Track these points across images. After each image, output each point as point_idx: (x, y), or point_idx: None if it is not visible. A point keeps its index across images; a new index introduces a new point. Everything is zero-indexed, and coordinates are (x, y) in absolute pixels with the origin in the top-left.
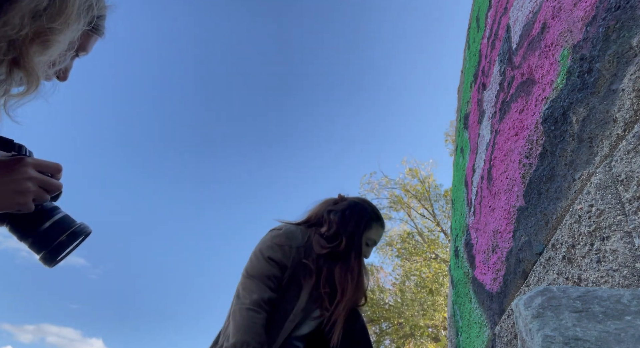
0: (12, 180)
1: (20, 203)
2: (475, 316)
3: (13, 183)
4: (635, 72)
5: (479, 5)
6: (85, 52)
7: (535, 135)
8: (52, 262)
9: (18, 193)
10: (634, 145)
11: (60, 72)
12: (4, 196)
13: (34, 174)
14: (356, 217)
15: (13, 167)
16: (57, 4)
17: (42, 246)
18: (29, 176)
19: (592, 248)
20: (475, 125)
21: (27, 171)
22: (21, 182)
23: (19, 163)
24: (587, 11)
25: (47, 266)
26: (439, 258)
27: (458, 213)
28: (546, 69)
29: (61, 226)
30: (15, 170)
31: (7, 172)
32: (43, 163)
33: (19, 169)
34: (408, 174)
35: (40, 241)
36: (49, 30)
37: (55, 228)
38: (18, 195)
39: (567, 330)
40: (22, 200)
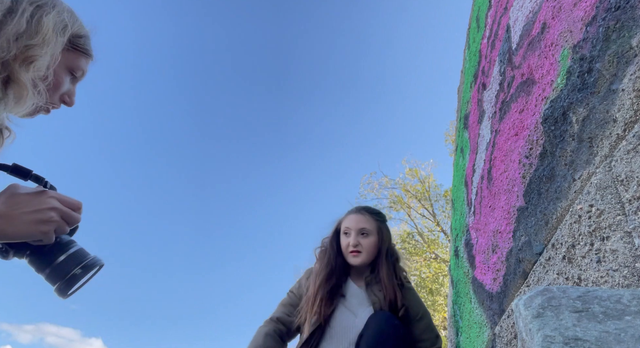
0: (37, 210)
1: (43, 232)
2: (475, 316)
3: (38, 213)
4: (635, 72)
5: (479, 5)
6: (82, 73)
7: (535, 135)
8: (65, 294)
9: (42, 222)
10: (634, 145)
11: (65, 97)
12: (29, 225)
13: (58, 205)
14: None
15: (39, 198)
16: (33, 25)
17: (57, 278)
18: (52, 207)
19: (592, 248)
20: (475, 125)
21: (52, 202)
22: (46, 212)
23: (45, 194)
24: (587, 11)
25: (61, 297)
26: (439, 258)
27: (458, 213)
28: (546, 69)
29: (75, 259)
30: (41, 201)
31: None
32: (66, 198)
33: (44, 199)
34: (408, 174)
35: (55, 273)
36: (31, 47)
37: (70, 261)
38: (42, 225)
39: (567, 330)
40: (45, 229)
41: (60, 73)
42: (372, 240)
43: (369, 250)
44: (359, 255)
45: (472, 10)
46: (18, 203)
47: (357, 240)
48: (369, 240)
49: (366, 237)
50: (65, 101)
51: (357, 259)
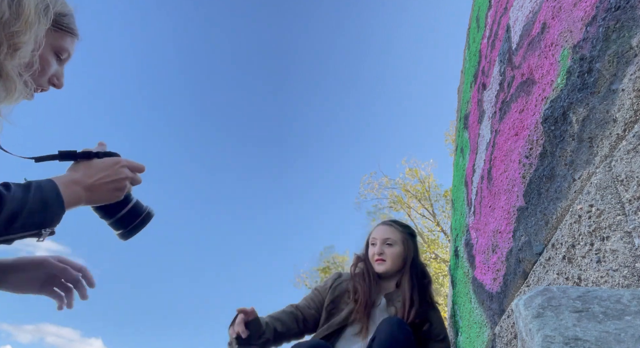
0: (115, 180)
1: (118, 196)
2: (475, 316)
3: (116, 183)
4: (635, 72)
5: (479, 5)
6: (68, 54)
7: (535, 135)
8: (126, 239)
9: (118, 190)
10: (634, 145)
11: (53, 79)
12: (108, 193)
13: (130, 174)
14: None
15: (114, 168)
16: (14, 10)
17: (120, 227)
18: (126, 176)
19: (592, 248)
20: (475, 125)
21: (125, 172)
22: (121, 182)
23: (118, 164)
24: (587, 11)
25: (122, 240)
26: (439, 258)
27: (458, 213)
28: (546, 69)
29: (136, 212)
30: (117, 171)
31: (110, 173)
32: (134, 164)
33: (118, 169)
34: (408, 174)
35: (119, 223)
36: (14, 34)
37: (132, 214)
38: (118, 192)
39: (567, 330)
40: (120, 194)
41: (46, 56)
42: (397, 250)
43: (393, 258)
44: (383, 263)
45: (472, 10)
46: (98, 174)
47: (382, 249)
48: (394, 250)
49: (390, 247)
50: (54, 83)
51: (382, 267)
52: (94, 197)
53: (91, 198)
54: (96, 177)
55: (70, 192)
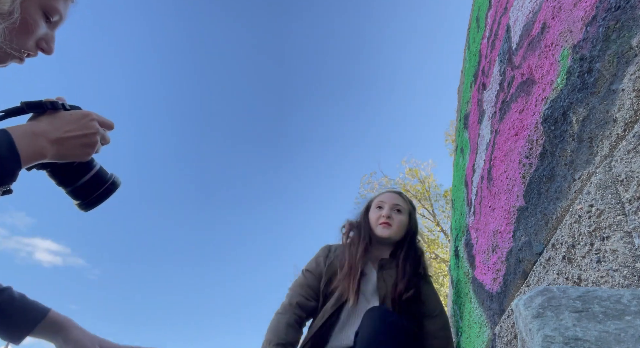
0: (85, 135)
1: (88, 154)
2: (475, 316)
3: (86, 138)
4: (635, 72)
5: (479, 5)
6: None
7: (535, 135)
8: (88, 210)
9: (88, 146)
10: (634, 145)
11: (42, 42)
12: (76, 148)
13: (100, 129)
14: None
15: (84, 122)
16: None
17: (81, 196)
18: (97, 131)
19: (592, 248)
20: (475, 125)
21: (96, 126)
22: (92, 137)
23: (89, 117)
24: (587, 11)
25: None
26: (439, 258)
27: (458, 213)
28: (546, 69)
29: (99, 179)
30: (87, 125)
31: (80, 126)
32: (103, 120)
33: (89, 123)
34: (408, 174)
35: (78, 192)
36: None
37: (94, 182)
38: (88, 148)
39: (567, 330)
40: (90, 151)
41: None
42: (404, 219)
43: (399, 225)
44: (389, 227)
45: (472, 10)
46: (66, 126)
47: (390, 213)
48: (401, 217)
49: (399, 213)
50: (42, 48)
51: (387, 231)
52: (62, 151)
53: (58, 154)
54: (64, 129)
55: (30, 145)
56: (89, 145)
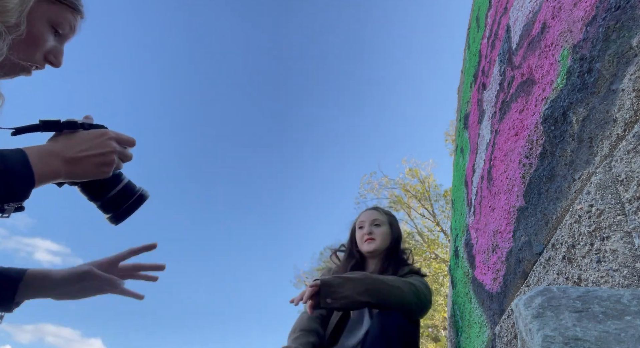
0: (101, 154)
1: (105, 172)
2: (475, 316)
3: (102, 157)
4: (635, 72)
5: (479, 5)
6: (69, 28)
7: (535, 135)
8: (117, 223)
9: (105, 165)
10: (634, 145)
11: (50, 56)
12: (93, 167)
13: (118, 147)
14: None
15: (100, 141)
16: None
17: (110, 209)
18: (114, 150)
19: (592, 248)
20: (475, 125)
21: (112, 145)
22: (108, 156)
23: (105, 135)
24: (587, 11)
25: (113, 224)
26: (439, 258)
27: (458, 213)
28: (546, 69)
29: (127, 192)
30: (103, 144)
31: (96, 145)
32: (123, 137)
33: (105, 142)
34: (408, 174)
35: (109, 205)
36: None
37: (122, 195)
38: (105, 167)
39: (567, 330)
40: (108, 170)
41: (39, 26)
42: (385, 230)
43: (382, 237)
44: (373, 241)
45: (472, 10)
46: (80, 145)
47: (370, 229)
48: (382, 229)
49: (379, 227)
50: (50, 61)
51: (372, 245)
52: (76, 171)
53: (73, 173)
54: (78, 148)
55: (44, 164)
56: (105, 164)
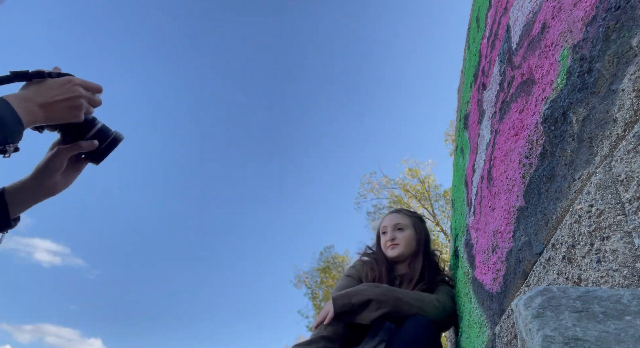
0: (68, 98)
1: (76, 116)
2: (475, 316)
3: (71, 101)
4: (635, 72)
5: (479, 5)
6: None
7: (535, 135)
8: (98, 163)
9: (74, 108)
10: (634, 145)
11: None
12: (63, 111)
13: (85, 92)
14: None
15: (67, 87)
16: None
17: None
18: (80, 94)
19: (592, 248)
20: (475, 125)
21: (79, 90)
22: (76, 100)
23: (71, 82)
24: (587, 11)
25: (94, 164)
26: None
27: (458, 213)
28: (546, 69)
29: (103, 134)
30: (70, 90)
31: (64, 91)
32: (89, 84)
33: (72, 87)
34: (408, 174)
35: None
36: None
37: (99, 136)
38: (74, 110)
39: (567, 330)
40: (78, 113)
41: None
42: (409, 234)
43: (406, 242)
44: (396, 246)
45: (472, 10)
46: (50, 92)
47: (394, 234)
48: (405, 234)
49: (402, 231)
50: None
51: (395, 250)
52: (50, 114)
53: (47, 116)
54: (49, 94)
55: (23, 109)
56: (75, 108)
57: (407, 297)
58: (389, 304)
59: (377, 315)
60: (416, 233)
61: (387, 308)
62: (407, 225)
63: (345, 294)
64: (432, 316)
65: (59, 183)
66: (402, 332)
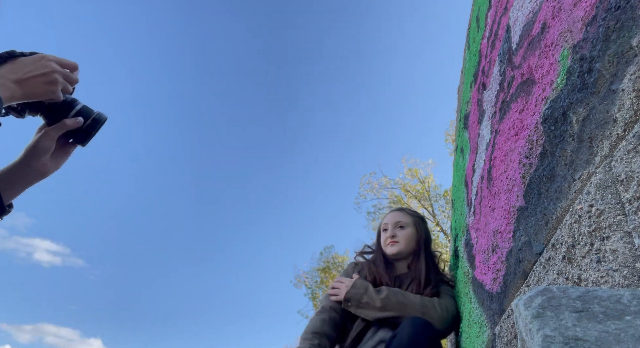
0: (42, 74)
1: (52, 91)
2: (475, 316)
3: (45, 77)
4: (635, 72)
5: (479, 5)
6: None
7: (535, 135)
8: (84, 143)
9: (49, 83)
10: (634, 145)
11: None
12: (40, 86)
13: (59, 68)
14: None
15: (41, 63)
16: None
17: (72, 132)
18: (55, 69)
19: (592, 248)
20: (475, 125)
21: (52, 65)
22: (50, 75)
23: (45, 58)
24: (587, 11)
25: (80, 146)
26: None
27: (458, 213)
28: (546, 69)
29: (84, 113)
30: (44, 65)
31: (37, 67)
32: (63, 60)
33: (45, 63)
34: (408, 174)
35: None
36: None
37: (81, 115)
38: (50, 85)
39: (567, 330)
40: (54, 88)
41: None
42: (410, 232)
43: (406, 240)
44: (396, 244)
45: (472, 10)
46: (23, 69)
47: (394, 231)
48: (406, 232)
49: (402, 229)
50: None
51: (394, 248)
52: (26, 91)
53: (24, 93)
54: (23, 71)
55: (1, 86)
56: (50, 83)
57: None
58: (396, 310)
59: (381, 316)
60: (417, 232)
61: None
62: (408, 223)
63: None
64: (439, 325)
65: (48, 165)
66: (401, 331)
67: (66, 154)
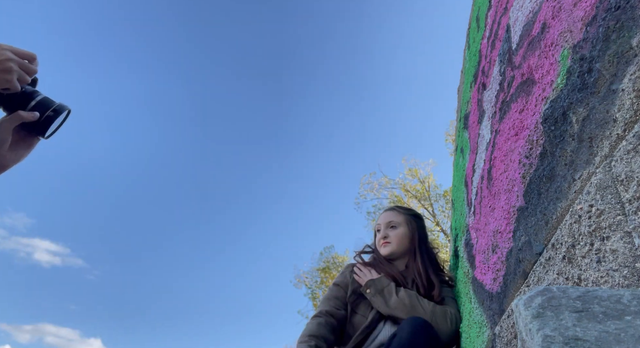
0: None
1: (7, 80)
2: (475, 316)
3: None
4: (635, 72)
5: (479, 5)
6: None
7: (535, 135)
8: (44, 133)
9: (4, 72)
10: (634, 145)
11: None
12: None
13: (14, 56)
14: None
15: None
16: None
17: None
18: (9, 57)
19: (592, 248)
20: (475, 125)
21: (7, 53)
22: (4, 63)
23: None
24: (587, 11)
25: (42, 137)
26: None
27: (458, 213)
28: (546, 69)
29: (45, 104)
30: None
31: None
32: (19, 50)
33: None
34: (408, 174)
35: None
36: None
37: (40, 106)
38: (4, 74)
39: (567, 330)
40: (8, 77)
41: None
42: (401, 231)
43: (398, 239)
44: (388, 244)
45: (472, 10)
46: None
47: (386, 232)
48: (398, 231)
49: (394, 229)
50: None
51: (387, 248)
52: None
53: None
54: None
55: None
56: (4, 71)
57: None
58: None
59: (391, 313)
60: (409, 230)
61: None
62: (400, 222)
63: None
64: (445, 337)
65: (8, 157)
66: (401, 331)
67: (29, 146)
